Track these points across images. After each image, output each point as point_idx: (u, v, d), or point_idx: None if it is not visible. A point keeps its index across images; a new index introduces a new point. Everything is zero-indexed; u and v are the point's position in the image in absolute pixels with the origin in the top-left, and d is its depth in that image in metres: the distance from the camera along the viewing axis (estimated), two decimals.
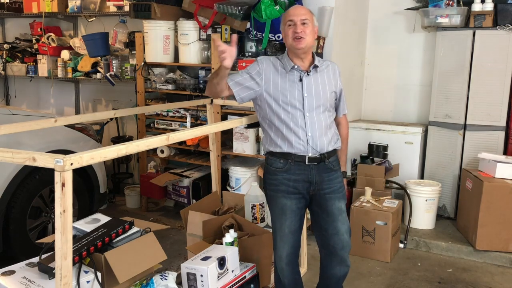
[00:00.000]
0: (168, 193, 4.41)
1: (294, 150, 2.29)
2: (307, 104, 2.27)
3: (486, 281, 3.30)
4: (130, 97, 5.00)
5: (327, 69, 2.38)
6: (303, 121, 2.27)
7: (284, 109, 2.28)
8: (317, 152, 2.29)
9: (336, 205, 2.36)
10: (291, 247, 2.39)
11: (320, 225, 2.40)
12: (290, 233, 2.37)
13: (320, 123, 2.30)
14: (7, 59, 5.53)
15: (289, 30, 2.26)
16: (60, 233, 1.46)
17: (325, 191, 2.35)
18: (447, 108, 4.07)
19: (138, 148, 1.82)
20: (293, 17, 2.24)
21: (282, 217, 2.36)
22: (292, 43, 2.25)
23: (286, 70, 2.31)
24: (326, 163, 2.33)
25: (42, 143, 3.22)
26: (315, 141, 2.28)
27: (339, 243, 2.36)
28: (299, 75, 2.29)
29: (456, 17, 3.89)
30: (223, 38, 3.90)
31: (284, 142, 2.30)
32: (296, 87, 2.28)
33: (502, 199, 3.49)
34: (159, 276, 2.22)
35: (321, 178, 2.33)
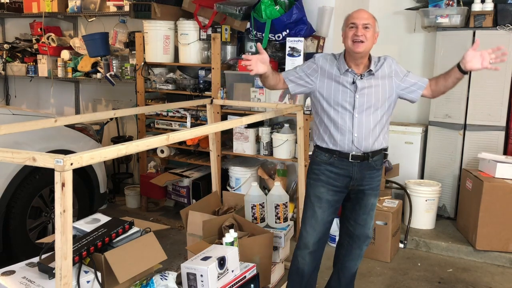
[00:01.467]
0: (168, 193, 4.41)
1: (339, 148, 2.37)
2: (357, 106, 2.32)
3: (486, 281, 3.30)
4: (130, 97, 5.00)
5: (382, 68, 2.38)
6: (351, 122, 2.33)
7: (334, 109, 2.35)
8: (361, 151, 2.36)
9: (371, 200, 2.48)
10: (319, 236, 2.48)
11: (350, 216, 2.53)
12: (322, 223, 2.46)
13: (368, 124, 2.34)
14: (7, 59, 5.53)
15: (350, 32, 2.28)
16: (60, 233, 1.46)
17: (364, 187, 2.44)
18: (447, 108, 4.07)
19: (138, 148, 1.82)
20: (356, 20, 2.27)
21: (316, 205, 2.45)
22: (351, 46, 2.27)
23: (340, 71, 2.35)
24: (370, 161, 2.39)
25: (42, 143, 3.22)
26: (360, 142, 2.34)
27: (363, 235, 2.52)
28: (353, 77, 2.33)
29: (456, 17, 3.89)
30: (223, 38, 3.90)
31: (330, 139, 2.39)
32: (348, 89, 2.32)
33: (502, 199, 3.49)
34: (159, 276, 2.22)
35: (362, 175, 2.41)
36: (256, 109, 3.85)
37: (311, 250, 2.49)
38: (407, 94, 2.47)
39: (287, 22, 3.62)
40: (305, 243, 2.48)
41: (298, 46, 3.62)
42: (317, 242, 2.48)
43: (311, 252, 2.49)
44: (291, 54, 3.66)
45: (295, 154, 3.77)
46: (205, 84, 4.09)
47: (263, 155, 3.91)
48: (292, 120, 3.94)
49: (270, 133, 3.86)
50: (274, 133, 3.84)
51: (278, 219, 3.05)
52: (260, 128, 3.88)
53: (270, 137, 3.85)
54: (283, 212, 3.05)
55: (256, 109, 3.86)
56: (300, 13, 3.63)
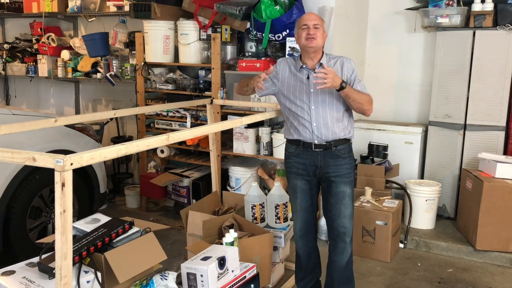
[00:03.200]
0: (168, 193, 4.41)
1: (302, 138, 2.61)
2: (312, 99, 2.55)
3: (486, 281, 3.30)
4: (130, 97, 5.00)
5: (335, 65, 2.59)
6: (309, 114, 2.56)
7: (295, 104, 2.60)
8: (323, 140, 2.57)
9: (341, 188, 2.60)
10: (303, 222, 2.74)
11: (326, 207, 2.69)
12: (302, 210, 2.72)
13: (325, 115, 2.55)
14: (7, 59, 5.53)
15: (302, 32, 2.54)
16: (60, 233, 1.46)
17: (330, 174, 2.60)
18: (447, 108, 4.07)
19: (138, 148, 1.82)
20: (307, 22, 2.54)
21: (294, 195, 2.73)
22: (305, 42, 2.52)
23: (297, 69, 2.62)
24: (333, 150, 2.58)
25: (42, 143, 3.22)
26: (320, 131, 2.56)
27: (341, 226, 2.63)
28: (307, 73, 2.58)
29: (456, 17, 3.89)
30: (223, 38, 3.90)
31: (295, 131, 2.64)
32: (304, 84, 2.57)
33: (502, 199, 3.49)
34: (159, 276, 2.22)
35: (326, 162, 2.59)
36: (256, 109, 3.85)
37: (300, 235, 2.76)
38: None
39: (287, 22, 3.62)
40: (295, 229, 2.79)
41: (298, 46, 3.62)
42: (303, 227, 2.74)
43: (301, 236, 2.76)
44: (291, 54, 3.66)
45: None
46: (205, 84, 4.09)
47: (263, 155, 3.91)
48: None
49: (270, 133, 3.86)
50: (274, 133, 3.84)
51: (278, 219, 3.05)
52: (260, 128, 3.88)
53: (270, 137, 3.85)
54: (283, 212, 3.06)
55: (256, 109, 3.86)
56: (300, 13, 3.63)
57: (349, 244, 2.65)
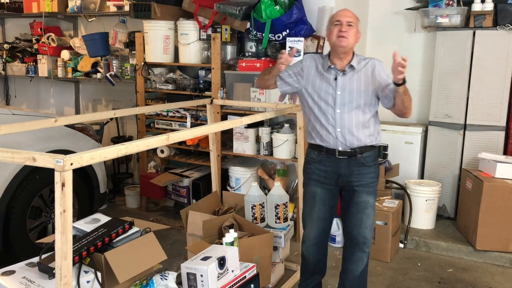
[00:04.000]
0: (168, 193, 4.41)
1: (325, 144, 2.46)
2: (339, 101, 2.40)
3: (486, 281, 3.30)
4: (130, 97, 5.00)
5: (365, 67, 2.44)
6: (333, 117, 2.41)
7: (318, 106, 2.45)
8: (347, 146, 2.42)
9: (363, 198, 2.48)
10: (318, 231, 2.61)
11: (346, 215, 2.56)
12: (319, 219, 2.58)
13: (350, 120, 2.40)
14: (7, 59, 5.53)
15: (334, 28, 2.38)
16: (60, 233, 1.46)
17: (353, 183, 2.47)
18: (447, 108, 4.07)
19: (138, 148, 1.82)
20: (341, 18, 2.38)
21: (311, 203, 2.58)
22: (335, 40, 2.37)
23: (324, 69, 2.46)
24: (358, 157, 2.44)
25: (42, 143, 3.22)
26: (345, 137, 2.41)
27: (361, 235, 2.52)
28: (335, 74, 2.43)
29: (456, 17, 3.89)
30: (223, 38, 3.90)
31: (317, 135, 2.49)
32: (330, 85, 2.42)
33: (502, 199, 3.49)
34: (159, 276, 2.22)
35: (350, 171, 2.45)
36: (256, 109, 3.85)
37: (313, 243, 2.63)
38: (382, 98, 2.46)
39: (287, 22, 3.62)
40: (307, 236, 2.64)
41: (298, 46, 3.63)
42: (317, 235, 2.62)
43: (314, 244, 2.64)
44: None
45: (295, 154, 3.77)
46: (205, 84, 4.09)
47: (263, 155, 3.91)
48: (292, 120, 3.94)
49: (270, 133, 3.86)
50: (274, 133, 3.84)
51: (278, 219, 3.05)
52: (260, 128, 3.88)
53: (270, 137, 3.85)
54: (283, 212, 3.06)
55: (256, 109, 3.86)
56: (300, 13, 3.63)
57: (367, 254, 2.57)
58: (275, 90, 3.78)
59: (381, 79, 2.41)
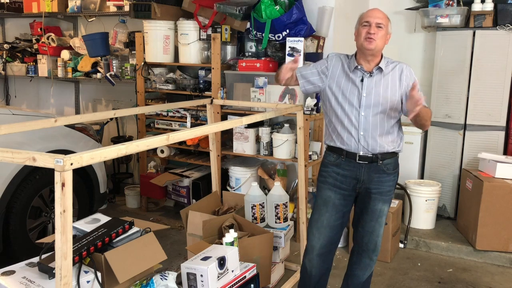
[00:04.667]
0: (168, 193, 4.41)
1: (346, 147, 2.35)
2: (364, 103, 2.30)
3: (486, 281, 3.30)
4: (130, 97, 5.00)
5: (393, 70, 2.35)
6: (357, 120, 2.31)
7: (341, 107, 2.34)
8: (369, 151, 2.33)
9: (378, 206, 2.39)
10: (326, 240, 2.44)
11: (359, 221, 2.47)
12: (328, 227, 2.42)
13: (375, 124, 2.31)
14: (7, 59, 5.53)
15: (363, 30, 2.28)
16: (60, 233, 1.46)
17: (371, 190, 2.38)
18: (447, 108, 4.07)
19: (138, 148, 1.82)
20: (370, 19, 2.27)
21: (323, 209, 2.43)
22: (363, 42, 2.27)
23: (350, 69, 2.35)
24: (379, 164, 2.35)
25: (42, 143, 3.22)
26: (367, 141, 2.31)
27: (372, 242, 2.44)
28: (361, 75, 2.32)
29: (456, 17, 3.89)
30: (223, 38, 3.90)
31: (338, 137, 2.38)
32: (356, 87, 2.32)
33: (502, 199, 3.49)
34: (159, 276, 2.22)
35: (370, 177, 2.36)
36: (256, 109, 3.85)
37: (318, 253, 2.46)
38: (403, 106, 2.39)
39: (287, 22, 3.62)
40: (312, 245, 2.47)
41: (298, 46, 3.63)
42: (324, 245, 2.45)
43: (319, 255, 2.46)
44: (291, 54, 3.66)
45: (295, 154, 3.76)
46: (205, 84, 4.09)
47: (263, 155, 3.91)
48: (292, 120, 3.94)
49: (270, 133, 3.86)
50: (274, 133, 3.83)
51: (278, 219, 3.05)
52: (260, 128, 3.88)
53: (270, 137, 3.85)
54: (283, 212, 3.05)
55: (256, 109, 3.86)
56: (300, 13, 3.63)
57: (375, 261, 2.50)
58: (274, 90, 3.79)
59: (407, 85, 2.34)
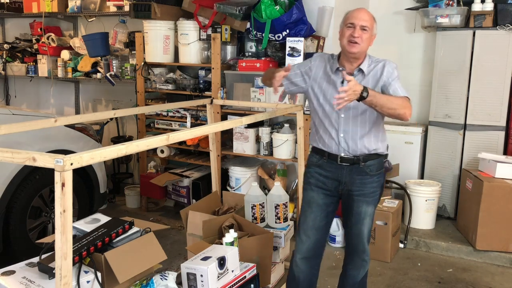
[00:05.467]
0: (168, 193, 4.41)
1: (327, 148, 2.34)
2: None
3: (486, 281, 3.30)
4: (130, 97, 4.99)
5: (375, 70, 2.30)
6: (337, 121, 2.29)
7: (323, 108, 2.33)
8: (350, 153, 2.30)
9: (362, 208, 2.35)
10: (312, 243, 2.40)
11: (347, 224, 2.46)
12: (314, 229, 2.39)
13: (355, 126, 2.27)
14: (7, 59, 5.53)
15: (347, 31, 2.22)
16: (60, 233, 1.46)
17: (354, 192, 2.34)
18: (447, 108, 4.07)
19: (138, 148, 1.82)
20: (355, 21, 2.21)
21: (307, 210, 2.42)
22: (346, 45, 2.22)
23: (332, 70, 2.32)
24: (361, 166, 2.31)
25: (42, 143, 3.22)
26: (347, 143, 2.29)
27: (361, 245, 2.43)
28: (342, 77, 2.26)
29: (456, 17, 3.89)
30: (223, 38, 3.90)
31: (320, 139, 2.37)
32: (337, 88, 2.25)
33: (502, 199, 3.49)
34: (159, 276, 2.22)
35: (352, 179, 2.33)
36: (256, 109, 3.85)
37: (305, 256, 2.42)
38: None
39: (287, 22, 3.62)
40: (299, 249, 2.43)
41: (298, 46, 3.63)
42: (311, 248, 2.41)
43: (306, 259, 2.43)
44: (291, 54, 3.66)
45: (295, 154, 3.76)
46: (205, 84, 4.09)
47: (263, 155, 3.91)
48: (292, 120, 3.94)
49: (270, 133, 3.86)
50: (274, 133, 3.84)
51: (278, 219, 3.05)
52: (260, 128, 3.88)
53: (270, 137, 3.85)
54: (283, 212, 3.05)
55: (256, 109, 3.86)
56: (300, 13, 3.63)
57: (368, 262, 2.48)
58: None
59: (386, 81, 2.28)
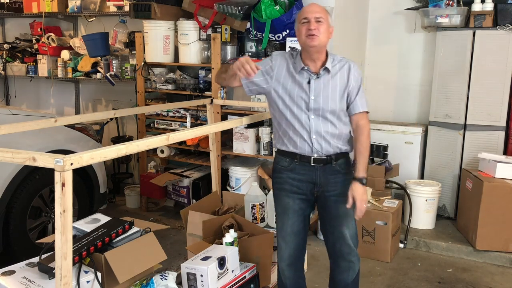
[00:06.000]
0: (168, 193, 4.41)
1: (299, 150, 2.26)
2: (312, 106, 2.21)
3: (486, 281, 3.30)
4: (130, 97, 4.99)
5: (341, 70, 2.25)
6: (307, 123, 2.22)
7: (290, 110, 2.24)
8: (323, 154, 2.25)
9: (341, 209, 2.28)
10: (293, 248, 2.36)
11: (326, 228, 2.38)
12: (293, 234, 2.34)
13: (326, 126, 2.23)
14: (7, 59, 5.53)
15: (302, 27, 2.16)
16: (60, 233, 1.46)
17: (330, 193, 2.30)
18: (447, 108, 4.07)
19: (138, 148, 1.82)
20: (308, 15, 2.16)
21: (284, 217, 2.35)
22: (305, 40, 2.15)
23: (296, 70, 2.24)
24: (333, 165, 2.27)
25: (42, 143, 3.22)
26: (320, 144, 2.23)
27: (345, 247, 2.32)
28: (308, 77, 2.22)
29: (456, 17, 3.89)
30: (223, 38, 3.90)
31: (290, 142, 2.27)
32: (303, 89, 2.21)
33: (502, 199, 3.49)
34: (159, 276, 2.22)
35: (326, 180, 2.28)
36: (256, 109, 3.85)
37: (288, 263, 2.38)
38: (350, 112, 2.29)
39: (287, 22, 3.62)
40: (281, 255, 2.39)
41: (298, 46, 3.62)
42: (292, 254, 2.37)
43: (289, 265, 2.38)
44: None
45: None
46: (205, 84, 4.09)
47: (263, 155, 3.91)
48: None
49: (270, 133, 3.86)
50: None
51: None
52: (260, 128, 3.88)
53: (270, 137, 3.85)
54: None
55: (256, 109, 3.86)
56: None
57: (356, 262, 2.35)
58: None
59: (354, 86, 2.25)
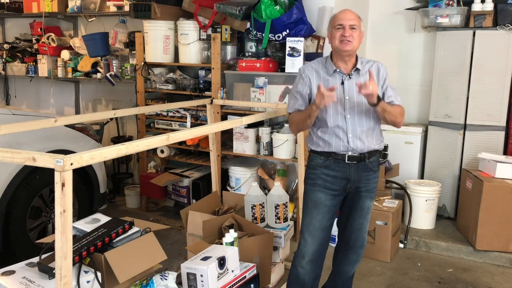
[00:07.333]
0: (168, 193, 4.41)
1: (334, 150, 2.36)
2: (348, 106, 2.33)
3: (486, 281, 3.30)
4: (130, 97, 5.00)
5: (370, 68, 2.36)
6: (344, 123, 2.33)
7: (326, 112, 2.34)
8: (357, 152, 2.35)
9: (367, 203, 2.46)
10: (318, 243, 2.44)
11: (347, 219, 2.50)
12: (321, 230, 2.43)
13: (361, 125, 2.34)
14: (7, 59, 5.53)
15: (337, 33, 2.30)
16: (60, 233, 1.46)
17: (361, 189, 2.42)
18: (447, 108, 4.07)
19: (138, 148, 1.82)
20: (343, 22, 2.29)
21: (314, 211, 2.42)
22: (339, 45, 2.29)
23: (329, 73, 2.36)
24: (366, 162, 2.39)
25: (42, 143, 3.22)
26: (355, 142, 2.34)
27: (360, 239, 2.50)
28: (341, 78, 2.35)
29: (456, 17, 3.89)
30: (223, 38, 3.90)
31: (325, 143, 2.38)
32: (338, 90, 2.30)
33: (502, 199, 3.49)
34: (159, 276, 2.22)
35: (359, 176, 2.39)
36: (256, 109, 3.85)
37: (311, 259, 2.45)
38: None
39: (287, 22, 3.62)
40: (305, 251, 2.45)
41: (298, 46, 3.63)
42: (317, 250, 2.44)
43: (312, 261, 2.45)
44: (291, 54, 3.66)
45: (295, 154, 3.76)
46: (205, 84, 4.09)
47: (263, 155, 3.91)
48: None
49: (270, 133, 3.86)
50: (274, 133, 3.84)
51: (278, 219, 3.05)
52: (260, 128, 3.88)
53: (270, 137, 3.85)
54: (283, 212, 3.05)
55: (256, 109, 3.86)
56: (300, 13, 3.63)
57: (360, 260, 2.57)
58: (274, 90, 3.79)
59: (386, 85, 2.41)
